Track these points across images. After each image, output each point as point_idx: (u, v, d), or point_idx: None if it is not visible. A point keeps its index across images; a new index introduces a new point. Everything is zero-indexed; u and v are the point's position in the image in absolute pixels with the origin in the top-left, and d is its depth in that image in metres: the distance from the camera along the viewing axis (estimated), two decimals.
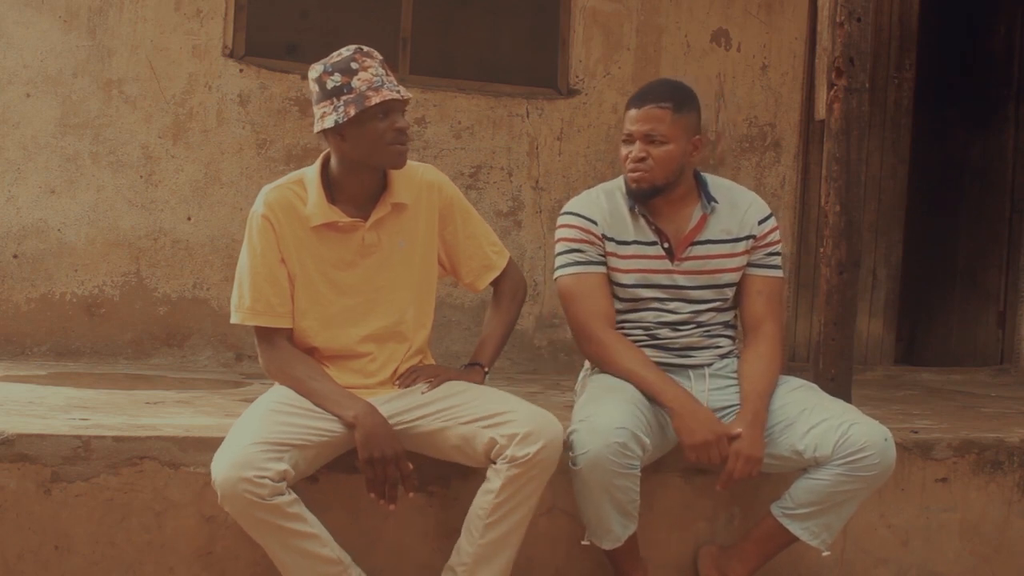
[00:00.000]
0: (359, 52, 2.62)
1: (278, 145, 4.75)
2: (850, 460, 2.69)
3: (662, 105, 2.81)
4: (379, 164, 2.66)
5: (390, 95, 2.58)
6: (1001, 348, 5.88)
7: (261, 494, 2.40)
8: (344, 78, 2.59)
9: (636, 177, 2.84)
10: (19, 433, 2.63)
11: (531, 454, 2.50)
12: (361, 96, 2.57)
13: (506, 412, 2.57)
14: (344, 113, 2.57)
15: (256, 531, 2.49)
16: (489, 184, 5.01)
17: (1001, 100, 5.96)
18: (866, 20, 3.35)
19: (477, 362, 2.84)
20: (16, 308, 4.53)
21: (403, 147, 2.64)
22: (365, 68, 2.60)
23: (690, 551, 3.03)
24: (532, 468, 2.52)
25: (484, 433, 2.56)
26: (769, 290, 2.96)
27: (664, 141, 2.81)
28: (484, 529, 2.57)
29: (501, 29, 5.16)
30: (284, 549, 2.50)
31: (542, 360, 5.06)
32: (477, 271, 2.87)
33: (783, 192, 5.39)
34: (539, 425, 2.54)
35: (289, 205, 2.67)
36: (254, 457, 2.42)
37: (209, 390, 3.78)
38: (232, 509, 2.45)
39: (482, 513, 2.57)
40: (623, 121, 2.90)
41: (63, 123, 4.55)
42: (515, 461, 2.51)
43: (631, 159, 2.84)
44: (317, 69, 2.64)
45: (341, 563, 2.56)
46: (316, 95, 2.64)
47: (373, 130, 2.59)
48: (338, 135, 2.61)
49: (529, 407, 2.61)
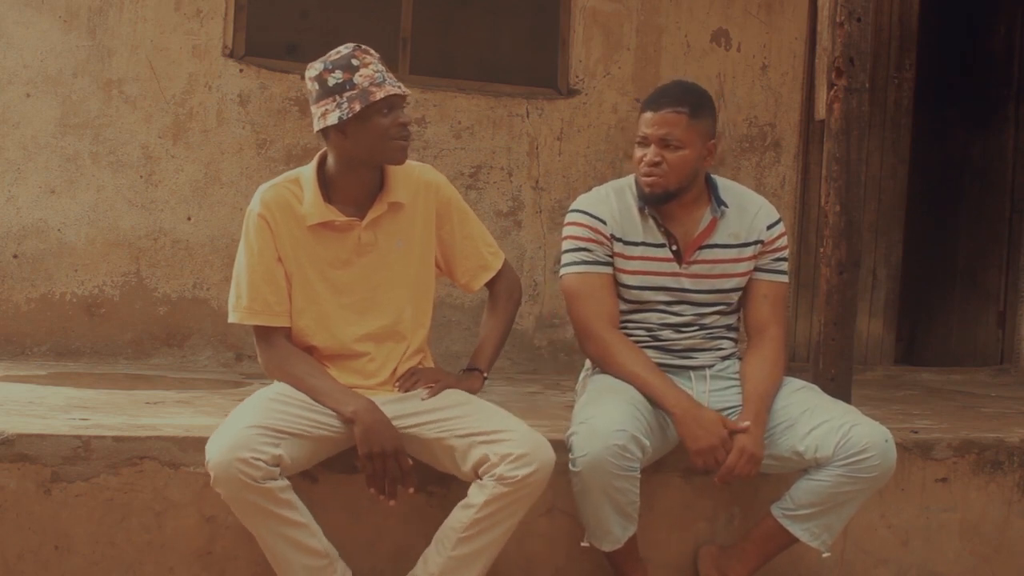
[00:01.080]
0: (358, 49, 2.62)
1: (278, 145, 4.75)
2: (851, 461, 2.68)
3: (679, 110, 2.79)
4: (381, 160, 2.66)
5: (393, 90, 2.59)
6: (1001, 348, 5.88)
7: (255, 476, 2.41)
8: (346, 75, 2.58)
9: (650, 182, 2.83)
10: (19, 433, 2.63)
11: (520, 477, 2.49)
12: (365, 92, 2.57)
13: (503, 431, 2.56)
14: (349, 109, 2.56)
15: (247, 516, 2.49)
16: (489, 184, 5.01)
17: (1001, 100, 5.96)
18: (866, 20, 3.35)
19: (476, 367, 2.83)
20: (16, 308, 4.53)
21: (405, 143, 2.64)
22: (366, 64, 2.60)
23: (690, 551, 3.03)
24: (521, 490, 2.51)
25: (479, 449, 2.55)
26: (774, 295, 2.96)
27: (679, 146, 2.79)
28: (456, 543, 2.55)
29: (501, 29, 5.16)
30: (273, 536, 2.51)
31: (542, 360, 5.06)
32: (473, 271, 2.87)
33: (783, 192, 5.39)
34: (533, 448, 2.53)
35: (285, 204, 2.67)
36: (250, 439, 2.43)
37: (209, 390, 3.78)
38: (225, 491, 2.45)
39: (458, 527, 2.56)
40: (637, 122, 2.87)
41: (63, 123, 4.55)
42: (504, 480, 2.49)
43: (645, 163, 2.82)
44: (316, 67, 2.63)
45: (327, 556, 2.56)
46: (316, 93, 2.63)
47: (377, 125, 2.59)
48: (340, 132, 2.61)
49: (526, 429, 2.59)
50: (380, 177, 2.72)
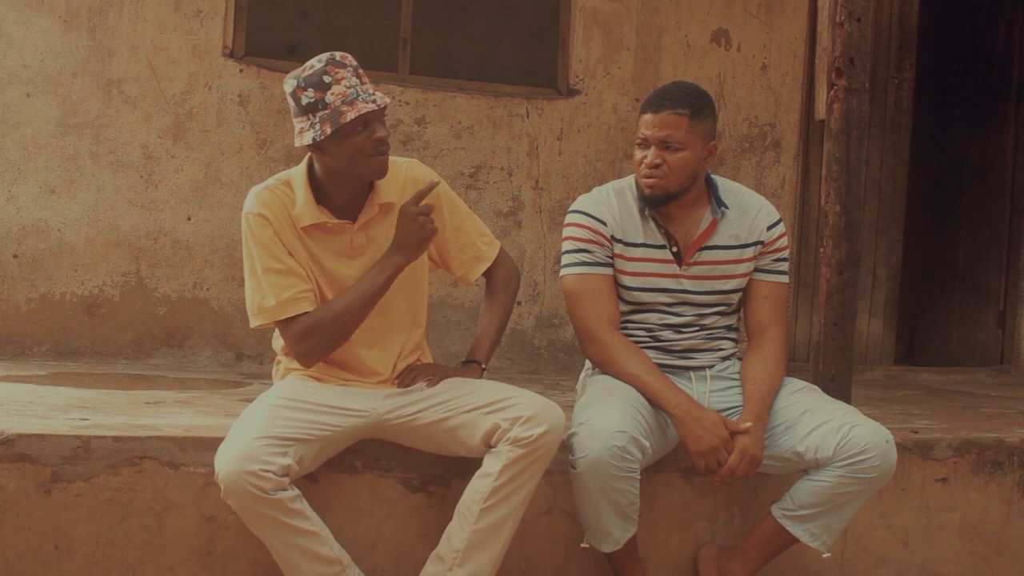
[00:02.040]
0: (331, 63, 2.57)
1: (278, 145, 4.75)
2: (851, 462, 2.68)
3: (679, 111, 2.78)
4: (361, 176, 2.65)
5: (365, 108, 2.54)
6: (1001, 348, 5.88)
7: (265, 487, 2.41)
8: (317, 93, 2.54)
9: (650, 184, 2.82)
10: (19, 433, 2.63)
11: (535, 436, 2.51)
12: (336, 112, 2.53)
13: (509, 398, 2.58)
14: (321, 131, 2.54)
15: (257, 526, 2.49)
16: (489, 184, 5.01)
17: (1001, 100, 5.96)
18: (866, 20, 3.35)
19: (474, 359, 2.84)
20: (16, 308, 4.53)
21: (383, 157, 2.62)
22: (338, 80, 2.55)
23: (690, 551, 3.03)
24: (535, 451, 2.52)
25: (486, 419, 2.56)
26: (775, 295, 2.96)
27: (680, 148, 2.79)
28: (480, 514, 2.55)
29: (501, 29, 5.16)
30: (284, 545, 2.51)
31: (542, 360, 5.06)
32: (468, 263, 2.86)
33: (783, 192, 5.39)
34: (542, 410, 2.55)
35: (279, 205, 2.67)
36: (259, 451, 2.43)
37: (209, 390, 3.78)
38: (235, 503, 2.45)
39: (478, 497, 2.56)
40: (637, 123, 2.87)
41: (63, 123, 4.55)
42: (519, 442, 2.51)
43: (646, 165, 2.81)
44: (291, 83, 2.59)
45: (340, 563, 2.56)
46: (293, 109, 2.61)
47: (352, 144, 2.57)
48: (318, 150, 2.60)
49: (531, 395, 2.62)
50: (368, 181, 2.71)
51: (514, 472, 2.53)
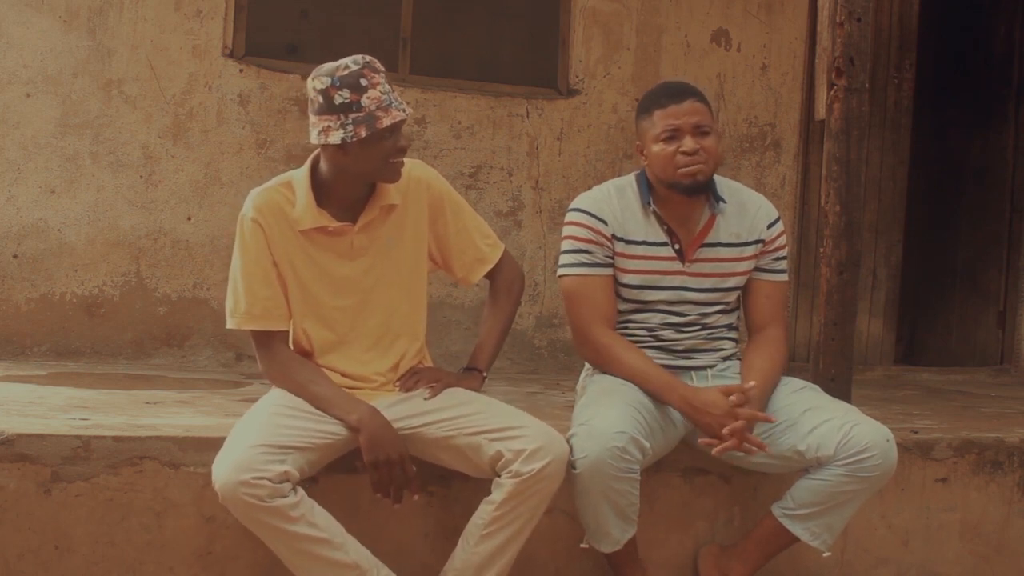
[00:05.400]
0: (367, 68, 2.56)
1: (278, 145, 4.75)
2: (852, 461, 2.68)
3: (698, 99, 2.82)
4: (378, 179, 2.65)
5: (399, 115, 2.56)
6: (1001, 348, 5.88)
7: (260, 495, 2.39)
8: (353, 95, 2.53)
9: (694, 171, 2.79)
10: (19, 433, 2.63)
11: (536, 470, 2.50)
12: (371, 116, 2.53)
13: (515, 427, 2.56)
14: (354, 133, 2.53)
15: (263, 534, 2.48)
16: (489, 184, 5.01)
17: (1001, 100, 5.96)
18: (866, 20, 3.35)
19: (475, 367, 2.83)
20: (16, 308, 4.53)
21: (401, 163, 2.64)
22: (374, 85, 2.55)
23: (690, 551, 3.03)
24: (536, 483, 2.51)
25: (491, 446, 2.55)
26: (775, 294, 2.96)
27: (710, 131, 2.81)
28: (479, 539, 2.57)
29: (501, 29, 5.16)
30: (292, 552, 2.49)
31: (542, 360, 5.06)
32: (470, 265, 2.85)
33: (783, 192, 5.39)
34: (547, 442, 2.53)
35: (278, 208, 2.66)
36: (253, 459, 2.41)
37: (209, 390, 3.78)
38: (235, 512, 2.45)
39: (480, 523, 2.58)
40: (649, 121, 2.82)
41: (63, 123, 4.55)
42: (520, 476, 2.50)
43: (684, 153, 2.78)
44: (324, 81, 2.55)
45: (358, 567, 2.52)
46: (319, 106, 2.57)
47: (380, 149, 2.57)
48: (341, 150, 2.58)
49: (537, 423, 2.60)
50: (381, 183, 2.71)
51: (515, 503, 2.53)
